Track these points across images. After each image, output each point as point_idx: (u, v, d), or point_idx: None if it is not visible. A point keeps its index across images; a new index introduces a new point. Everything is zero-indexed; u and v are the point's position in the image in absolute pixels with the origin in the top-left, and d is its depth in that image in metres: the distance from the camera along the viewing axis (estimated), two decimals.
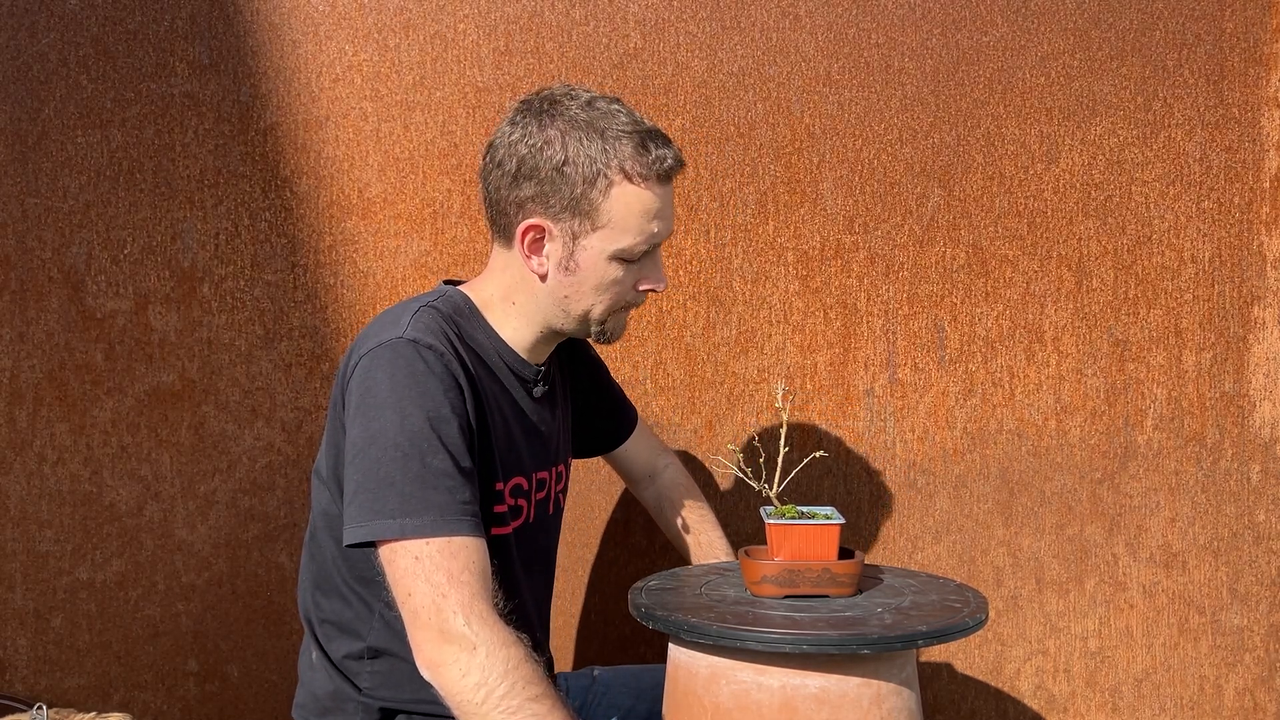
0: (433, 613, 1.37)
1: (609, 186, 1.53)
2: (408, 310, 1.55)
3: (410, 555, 1.39)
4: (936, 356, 2.29)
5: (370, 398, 1.46)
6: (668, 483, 1.99)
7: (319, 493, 1.62)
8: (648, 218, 1.55)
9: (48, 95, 2.12)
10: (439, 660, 1.37)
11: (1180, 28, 2.28)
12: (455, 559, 1.39)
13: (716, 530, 1.95)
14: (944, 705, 2.34)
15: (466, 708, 1.36)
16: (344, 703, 1.63)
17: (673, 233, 1.65)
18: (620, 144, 1.53)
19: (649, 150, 1.54)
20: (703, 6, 2.21)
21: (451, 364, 1.49)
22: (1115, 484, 2.32)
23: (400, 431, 1.43)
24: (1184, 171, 2.30)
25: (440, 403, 1.46)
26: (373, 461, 1.43)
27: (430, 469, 1.42)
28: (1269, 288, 2.32)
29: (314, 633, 1.67)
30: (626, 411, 1.98)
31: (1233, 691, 2.36)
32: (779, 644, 1.41)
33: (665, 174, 1.56)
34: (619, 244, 1.55)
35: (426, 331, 1.50)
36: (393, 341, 1.48)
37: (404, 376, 1.46)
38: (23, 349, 2.13)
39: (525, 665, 1.37)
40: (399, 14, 2.16)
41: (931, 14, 2.25)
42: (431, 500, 1.40)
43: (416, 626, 1.39)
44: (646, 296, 1.64)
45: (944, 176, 2.27)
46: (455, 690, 1.36)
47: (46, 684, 2.16)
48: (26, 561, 2.14)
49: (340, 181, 2.17)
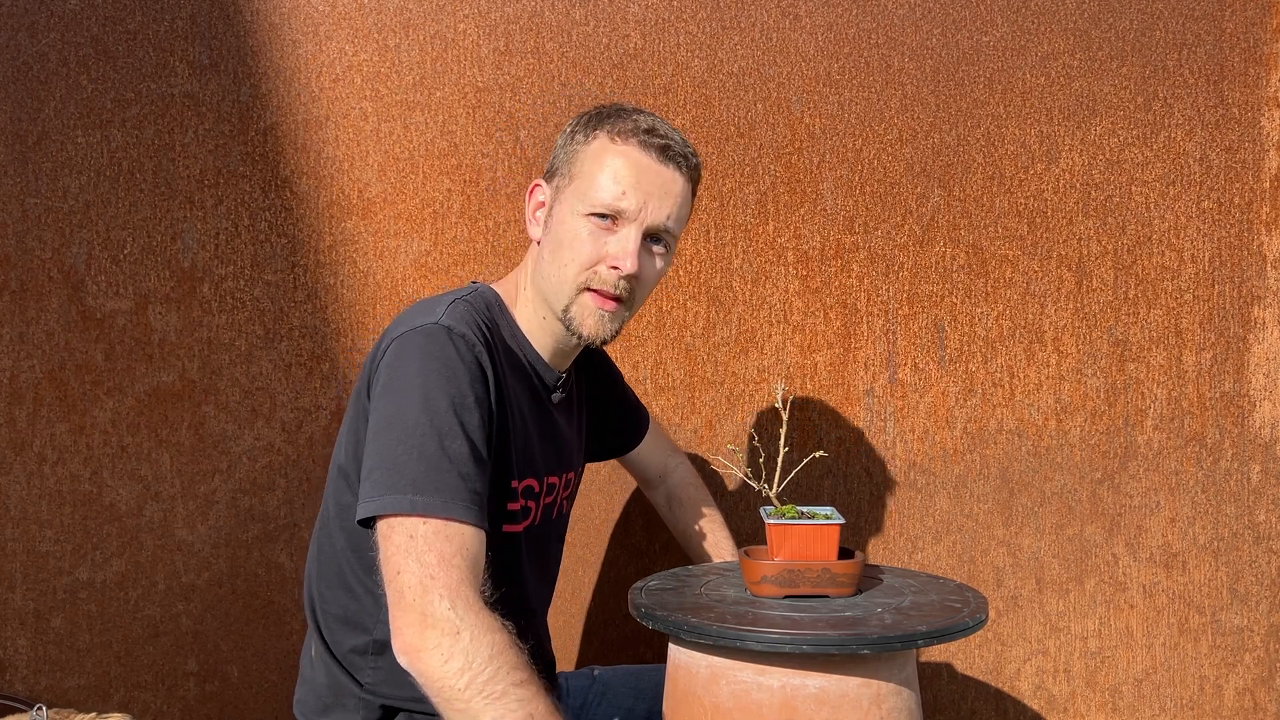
0: (418, 593, 1.35)
1: (589, 141, 1.58)
2: (443, 301, 1.56)
3: (405, 533, 1.39)
4: (936, 356, 2.28)
5: (398, 379, 1.47)
6: (677, 483, 2.01)
7: (335, 484, 1.62)
8: (614, 177, 1.55)
9: (48, 95, 2.12)
10: (419, 645, 1.34)
11: (1180, 28, 2.28)
12: (450, 542, 1.38)
13: (724, 531, 1.96)
14: (944, 705, 2.34)
15: (448, 693, 1.33)
16: (344, 698, 1.63)
17: (665, 228, 1.57)
18: (620, 119, 1.58)
19: (640, 123, 1.57)
20: (703, 6, 2.21)
21: (481, 355, 1.50)
22: (1115, 484, 2.32)
23: (423, 412, 1.43)
24: (1184, 171, 2.30)
25: (466, 391, 1.46)
26: (393, 440, 1.43)
27: (447, 453, 1.42)
28: (1269, 288, 2.32)
29: (318, 626, 1.66)
30: (640, 416, 1.99)
31: (1233, 691, 2.36)
32: (779, 644, 1.41)
33: (647, 141, 1.56)
34: (586, 197, 1.56)
35: (461, 321, 1.51)
36: (426, 327, 1.49)
37: (433, 361, 1.46)
38: (23, 349, 2.13)
39: (510, 651, 1.35)
40: (399, 14, 2.16)
41: (931, 14, 2.25)
42: (442, 483, 1.40)
43: (400, 607, 1.36)
44: (627, 286, 1.57)
45: (944, 176, 2.27)
46: (436, 675, 1.33)
47: (46, 684, 2.16)
48: (26, 561, 2.14)
49: (340, 181, 2.17)
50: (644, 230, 1.57)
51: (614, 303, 1.58)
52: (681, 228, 1.62)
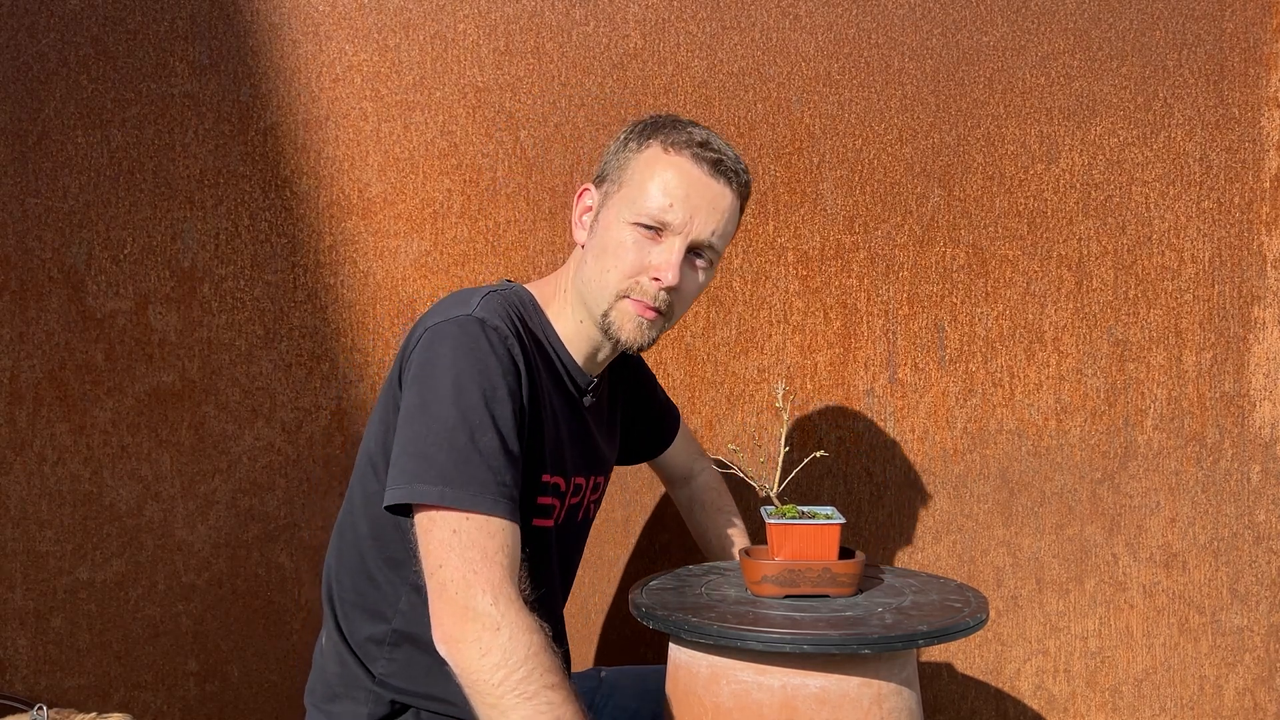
0: (461, 587, 1.36)
1: (641, 149, 1.58)
2: (476, 294, 1.56)
3: (449, 528, 1.39)
4: (936, 356, 2.29)
5: (430, 368, 1.47)
6: (701, 486, 2.02)
7: (363, 471, 1.62)
8: (662, 188, 1.54)
9: (48, 95, 2.12)
10: (459, 636, 1.35)
11: (1180, 28, 2.28)
12: (492, 539, 1.39)
13: (742, 536, 1.97)
14: (944, 705, 2.34)
15: (482, 687, 1.34)
16: (354, 689, 1.62)
17: (709, 244, 1.56)
18: (674, 131, 1.58)
19: (694, 136, 1.57)
20: (703, 6, 2.21)
21: (514, 348, 1.50)
22: (1115, 484, 2.32)
23: (455, 403, 1.43)
24: (1184, 171, 2.30)
25: (498, 383, 1.46)
26: (423, 428, 1.43)
27: (478, 445, 1.42)
28: (1269, 288, 2.32)
29: (335, 614, 1.66)
30: (670, 420, 1.99)
31: (1233, 691, 2.36)
32: (779, 644, 1.41)
33: (699, 155, 1.55)
34: (633, 205, 1.55)
35: (494, 314, 1.51)
36: (460, 318, 1.49)
37: (466, 352, 1.46)
38: (23, 349, 2.13)
39: (545, 654, 1.36)
40: (399, 14, 2.16)
41: (931, 14, 2.25)
42: (474, 475, 1.40)
43: (443, 599, 1.37)
44: (666, 299, 1.57)
45: (944, 176, 2.27)
46: (473, 668, 1.35)
47: (46, 684, 2.16)
48: (26, 561, 2.14)
49: (340, 181, 2.17)
50: (689, 243, 1.56)
51: (653, 313, 1.58)
52: (726, 244, 1.62)
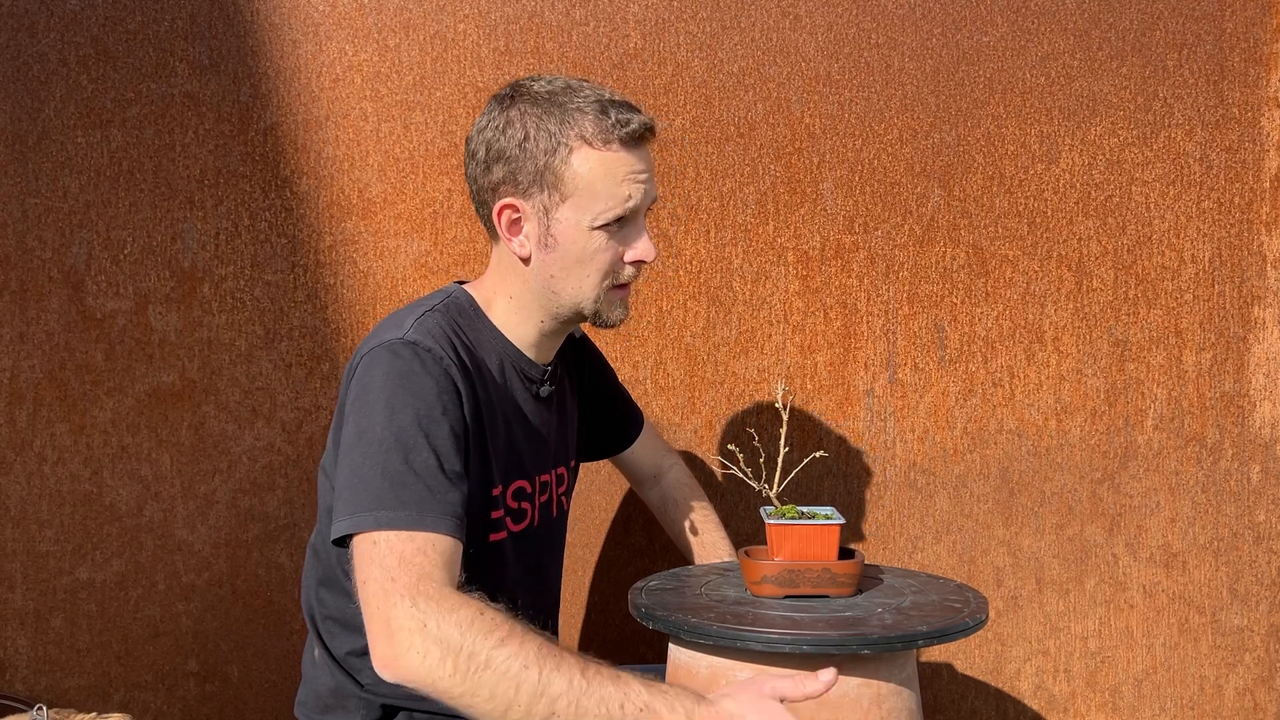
0: (380, 600, 1.32)
1: (569, 154, 1.53)
2: (412, 314, 1.56)
3: (369, 541, 1.37)
4: (936, 356, 2.29)
5: (364, 396, 1.47)
6: (672, 483, 2.00)
7: (324, 489, 1.62)
8: (614, 181, 1.54)
9: (48, 95, 2.12)
10: (394, 654, 1.30)
11: (1180, 28, 2.28)
12: (411, 542, 1.36)
13: (720, 531, 1.95)
14: (944, 705, 2.34)
15: (443, 685, 1.29)
16: (345, 699, 1.63)
17: (656, 199, 1.61)
18: (580, 114, 1.54)
19: (608, 115, 1.54)
20: (703, 6, 2.21)
21: (450, 368, 1.49)
22: (1115, 484, 2.32)
23: (387, 429, 1.43)
24: (1184, 171, 2.30)
25: (432, 404, 1.45)
26: (359, 458, 1.43)
27: (412, 466, 1.41)
28: (1269, 288, 2.32)
29: (317, 629, 1.67)
30: (634, 414, 1.99)
31: (1233, 691, 2.36)
32: (779, 644, 1.41)
33: (629, 137, 1.54)
34: (590, 211, 1.54)
35: (428, 335, 1.51)
36: (392, 343, 1.49)
37: (397, 377, 1.46)
38: (23, 349, 2.13)
39: (479, 620, 1.30)
40: (399, 14, 2.16)
41: (931, 14, 2.25)
42: (407, 497, 1.39)
43: (370, 619, 1.33)
44: (640, 272, 1.62)
45: (944, 176, 2.27)
46: (422, 673, 1.29)
47: (46, 684, 2.16)
48: (26, 561, 2.14)
49: (340, 181, 2.17)
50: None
51: (630, 288, 1.64)
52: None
